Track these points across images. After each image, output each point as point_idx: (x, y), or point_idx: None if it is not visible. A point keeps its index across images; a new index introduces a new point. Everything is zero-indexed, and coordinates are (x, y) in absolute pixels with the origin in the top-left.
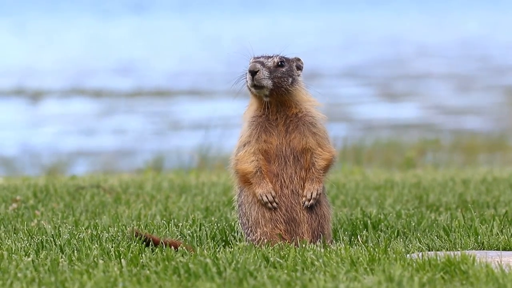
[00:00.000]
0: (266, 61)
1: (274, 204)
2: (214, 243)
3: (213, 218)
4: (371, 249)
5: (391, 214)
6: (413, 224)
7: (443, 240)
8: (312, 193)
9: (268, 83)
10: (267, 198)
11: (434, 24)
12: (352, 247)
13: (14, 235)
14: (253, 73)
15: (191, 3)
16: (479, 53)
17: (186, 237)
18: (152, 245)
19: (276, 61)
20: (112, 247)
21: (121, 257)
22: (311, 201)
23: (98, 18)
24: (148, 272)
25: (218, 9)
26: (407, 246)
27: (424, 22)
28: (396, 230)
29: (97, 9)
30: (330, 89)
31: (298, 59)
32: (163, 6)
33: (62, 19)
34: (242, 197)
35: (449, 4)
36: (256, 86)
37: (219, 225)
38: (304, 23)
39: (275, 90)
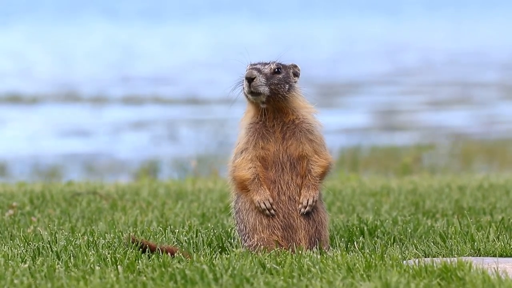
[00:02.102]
0: (262, 67)
1: (272, 211)
2: (211, 249)
3: (209, 225)
4: (368, 255)
5: (387, 221)
6: (410, 230)
7: (439, 247)
8: (308, 200)
9: (265, 89)
10: (265, 205)
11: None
12: (348, 254)
13: (11, 241)
14: (250, 80)
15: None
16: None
17: (182, 244)
18: (148, 252)
19: (272, 67)
20: (108, 253)
21: (118, 263)
22: (307, 208)
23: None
24: (144, 278)
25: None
26: (404, 253)
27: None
28: (392, 237)
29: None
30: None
31: (295, 66)
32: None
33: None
34: (239, 204)
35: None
36: (253, 93)
37: (215, 231)
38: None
39: (272, 97)
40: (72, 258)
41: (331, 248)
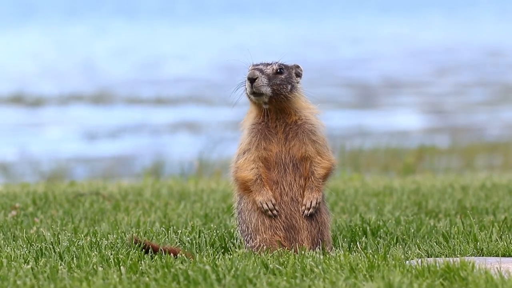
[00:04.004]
0: (265, 68)
1: (274, 212)
2: (213, 250)
3: (212, 225)
4: (371, 255)
5: (390, 221)
6: (412, 230)
7: (442, 247)
8: (311, 202)
9: (267, 90)
10: (267, 205)
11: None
12: (351, 254)
13: (13, 242)
14: (252, 80)
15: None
16: None
17: (185, 244)
18: (151, 252)
19: (275, 68)
20: (111, 254)
21: (121, 264)
22: (311, 210)
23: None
24: (147, 279)
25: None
26: (406, 253)
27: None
28: (395, 237)
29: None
30: None
31: (297, 66)
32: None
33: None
34: (242, 204)
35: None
36: (255, 93)
37: (218, 232)
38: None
39: (274, 97)
40: (75, 259)
41: (334, 248)
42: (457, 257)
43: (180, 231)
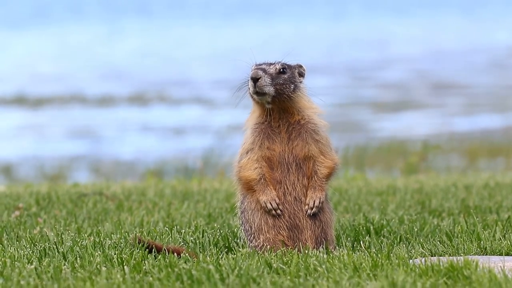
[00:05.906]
0: (268, 68)
1: (278, 211)
2: (217, 249)
3: (215, 225)
4: (374, 254)
5: (393, 220)
6: (416, 229)
7: (445, 246)
8: (314, 201)
9: (270, 90)
10: (271, 205)
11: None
12: (355, 253)
13: (17, 242)
14: (255, 80)
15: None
16: None
17: (188, 244)
18: (155, 252)
19: (278, 67)
20: (115, 254)
21: (124, 264)
22: (314, 209)
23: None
24: (151, 279)
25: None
26: (410, 252)
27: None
28: (398, 236)
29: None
30: None
31: (300, 66)
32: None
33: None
34: (245, 204)
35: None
36: (258, 93)
37: (221, 231)
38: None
39: (277, 97)
40: (78, 259)
41: (337, 247)
42: (461, 256)
43: (183, 230)
